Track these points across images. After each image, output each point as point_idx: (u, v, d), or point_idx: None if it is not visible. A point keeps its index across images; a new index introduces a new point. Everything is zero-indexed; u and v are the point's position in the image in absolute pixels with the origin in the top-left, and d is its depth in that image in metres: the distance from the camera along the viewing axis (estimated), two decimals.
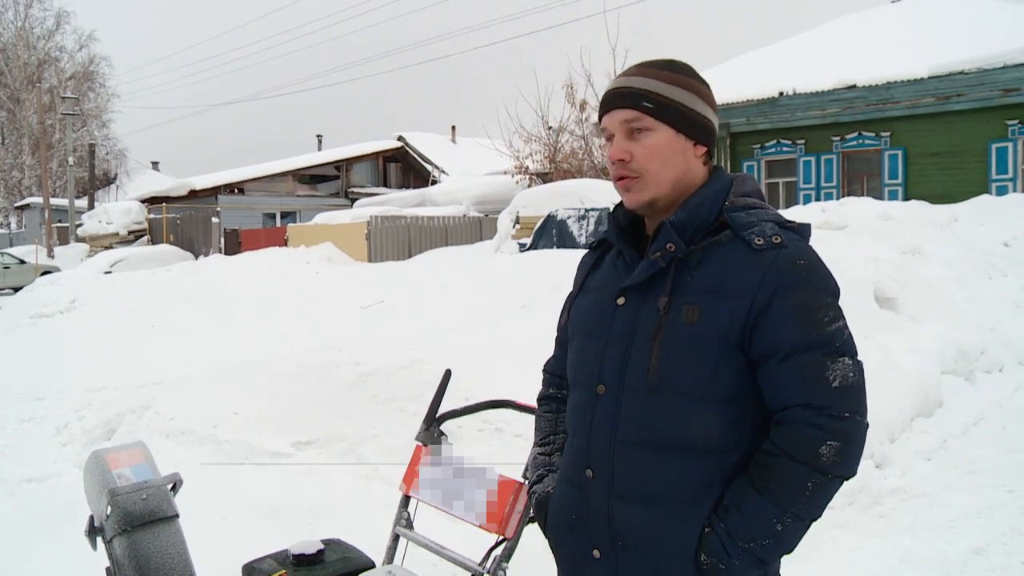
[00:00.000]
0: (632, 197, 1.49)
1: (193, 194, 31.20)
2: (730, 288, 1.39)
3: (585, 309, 1.60)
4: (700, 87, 1.51)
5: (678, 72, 1.50)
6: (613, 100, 1.50)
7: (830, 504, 1.39)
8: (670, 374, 1.40)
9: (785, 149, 17.94)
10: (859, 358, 1.41)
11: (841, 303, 1.44)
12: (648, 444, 1.42)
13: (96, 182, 38.36)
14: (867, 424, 1.40)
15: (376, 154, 37.25)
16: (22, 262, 25.37)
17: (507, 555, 2.25)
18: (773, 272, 1.37)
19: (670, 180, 1.47)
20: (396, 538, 2.52)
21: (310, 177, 35.32)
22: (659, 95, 1.46)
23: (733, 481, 1.40)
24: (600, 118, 1.55)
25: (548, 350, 1.85)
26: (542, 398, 1.81)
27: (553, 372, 1.80)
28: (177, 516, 2.29)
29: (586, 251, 1.72)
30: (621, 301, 1.49)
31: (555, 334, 1.80)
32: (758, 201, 1.49)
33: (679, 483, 1.40)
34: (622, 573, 1.45)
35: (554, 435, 1.73)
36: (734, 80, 18.34)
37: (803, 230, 1.46)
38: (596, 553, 1.48)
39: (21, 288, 18.87)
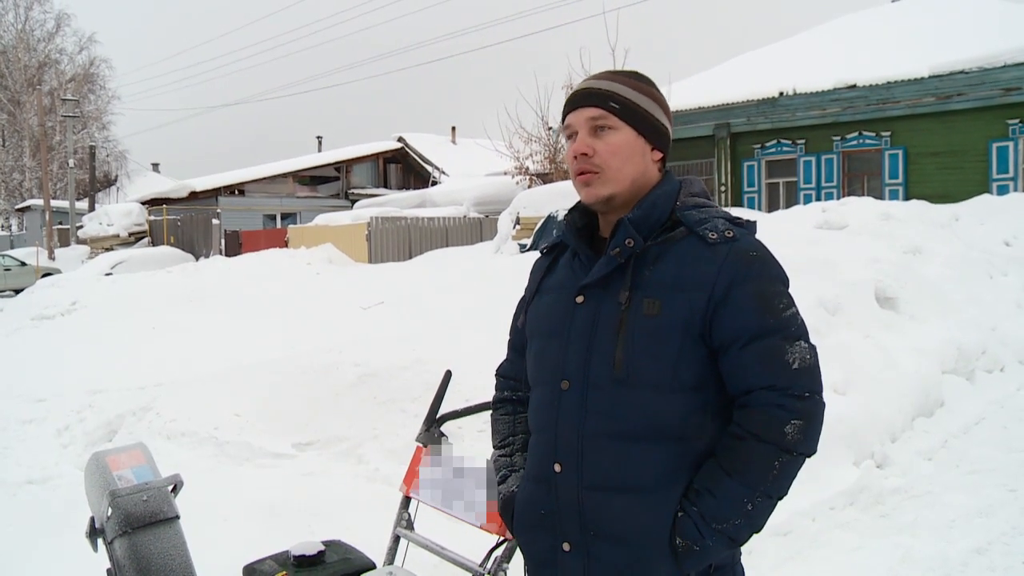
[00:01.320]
0: (592, 192, 1.54)
1: (193, 196, 31.16)
2: (688, 281, 1.45)
3: (543, 311, 1.63)
4: (660, 98, 1.59)
5: (642, 81, 1.58)
6: (580, 99, 1.56)
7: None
8: (635, 366, 1.44)
9: (785, 149, 17.94)
10: (812, 342, 1.48)
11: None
12: (617, 435, 1.45)
13: (97, 184, 38.39)
14: (824, 403, 1.47)
15: (376, 155, 37.22)
16: (23, 264, 25.39)
17: (508, 556, 2.25)
18: (728, 264, 1.44)
19: (629, 177, 1.53)
20: (397, 539, 2.53)
21: (310, 178, 35.28)
22: (624, 98, 1.54)
23: (700, 466, 1.45)
24: (564, 117, 1.60)
25: None
26: (497, 401, 1.84)
27: (507, 375, 1.83)
28: (178, 517, 2.29)
29: (538, 256, 1.76)
30: (580, 299, 1.53)
31: (508, 338, 1.82)
32: (707, 201, 1.56)
33: (649, 471, 1.44)
34: (593, 564, 1.47)
35: (513, 436, 1.76)
36: (734, 80, 18.38)
37: (750, 226, 1.53)
38: (566, 546, 1.50)
39: (22, 290, 18.94)
